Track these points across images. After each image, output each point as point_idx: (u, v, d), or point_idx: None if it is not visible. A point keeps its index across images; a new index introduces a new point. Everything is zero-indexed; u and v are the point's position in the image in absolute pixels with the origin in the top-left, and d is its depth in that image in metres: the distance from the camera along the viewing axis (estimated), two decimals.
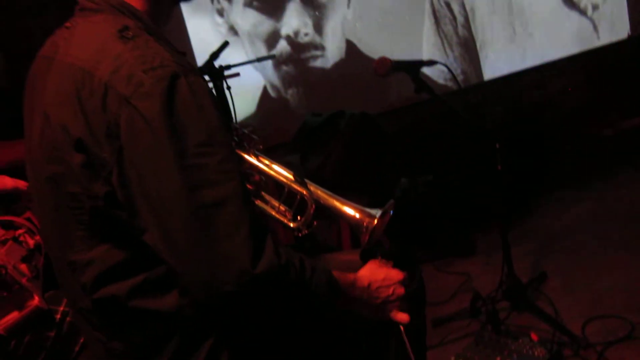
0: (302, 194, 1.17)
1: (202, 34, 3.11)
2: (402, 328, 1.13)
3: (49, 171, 0.90)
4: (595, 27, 3.97)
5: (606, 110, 3.94)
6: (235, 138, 1.20)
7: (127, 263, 0.89)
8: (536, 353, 1.81)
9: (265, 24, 3.18)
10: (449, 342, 2.05)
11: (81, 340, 1.51)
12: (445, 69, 1.89)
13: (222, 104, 2.13)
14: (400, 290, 1.09)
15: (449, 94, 3.39)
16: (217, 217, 0.81)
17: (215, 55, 2.13)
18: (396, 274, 1.10)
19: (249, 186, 1.24)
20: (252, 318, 0.95)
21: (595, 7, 3.98)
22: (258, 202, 1.22)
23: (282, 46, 3.21)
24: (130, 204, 0.84)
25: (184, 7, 2.97)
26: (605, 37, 3.98)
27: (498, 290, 2.14)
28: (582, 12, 3.94)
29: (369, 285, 1.07)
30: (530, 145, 3.34)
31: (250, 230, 0.83)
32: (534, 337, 1.90)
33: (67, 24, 0.96)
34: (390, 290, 1.08)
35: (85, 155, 0.84)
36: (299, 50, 3.27)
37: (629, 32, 3.87)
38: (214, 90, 2.26)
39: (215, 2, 3.14)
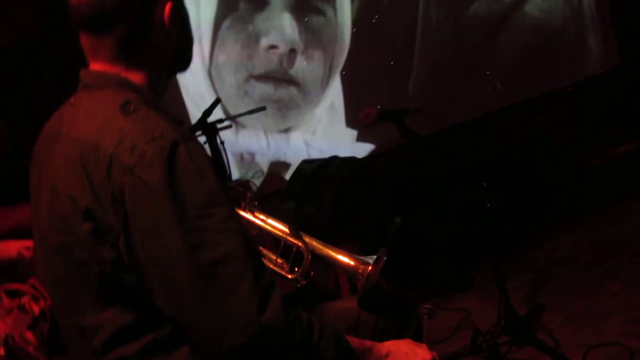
0: (298, 246, 1.22)
1: (193, 90, 3.22)
2: None
3: (58, 240, 0.96)
4: (575, 60, 4.13)
5: (592, 141, 4.05)
6: (231, 196, 1.27)
7: (136, 324, 0.94)
8: None
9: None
10: None
11: None
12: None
13: (216, 158, 2.21)
14: None
15: (436, 135, 3.50)
16: (219, 274, 0.86)
17: (208, 112, 2.22)
18: (424, 353, 1.08)
19: None
20: None
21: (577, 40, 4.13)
22: None
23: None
24: (137, 267, 0.89)
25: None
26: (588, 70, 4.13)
27: (497, 324, 2.17)
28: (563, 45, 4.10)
29: (387, 354, 1.06)
30: (519, 179, 3.42)
31: (253, 283, 0.88)
32: None
33: (72, 101, 1.03)
34: None
35: (93, 223, 0.90)
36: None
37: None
38: (207, 146, 2.34)
39: (207, 63, 3.26)
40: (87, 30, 1.00)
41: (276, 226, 1.27)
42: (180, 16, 1.04)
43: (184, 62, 1.10)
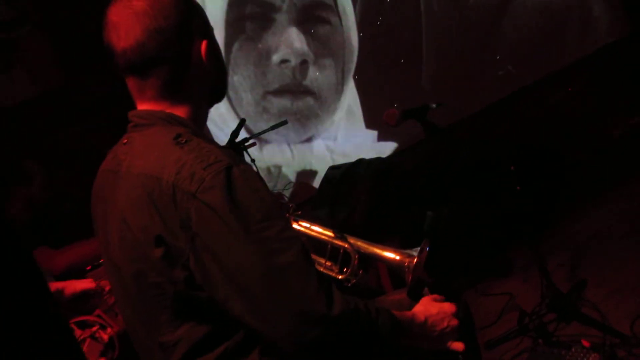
0: (344, 247, 1.29)
1: (213, 113, 3.31)
2: (460, 358, 1.21)
3: (134, 268, 1.03)
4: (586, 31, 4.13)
5: (611, 113, 4.03)
6: None
7: (210, 336, 1.01)
8: (591, 359, 1.86)
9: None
10: None
11: None
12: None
13: None
14: (454, 322, 1.19)
15: (456, 125, 3.53)
16: (289, 278, 0.94)
17: (235, 133, 2.30)
18: (449, 307, 1.20)
19: None
20: None
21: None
22: None
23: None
24: (209, 282, 0.96)
25: None
26: (598, 42, 4.13)
27: (542, 304, 2.20)
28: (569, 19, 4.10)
29: (426, 320, 1.16)
30: (544, 159, 3.43)
31: (319, 283, 0.95)
32: (586, 343, 1.95)
33: (124, 141, 1.11)
34: (445, 323, 1.17)
35: (164, 248, 0.97)
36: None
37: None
38: None
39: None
40: (133, 74, 1.08)
41: (320, 231, 1.34)
42: (215, 51, 1.12)
43: (221, 92, 1.18)
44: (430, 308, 1.19)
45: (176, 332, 1.02)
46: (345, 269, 1.32)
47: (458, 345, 1.18)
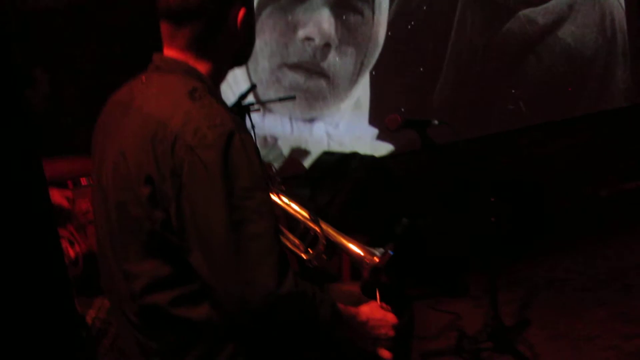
0: (315, 231, 1.37)
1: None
2: None
3: (119, 198, 1.10)
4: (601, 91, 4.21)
5: (605, 172, 4.14)
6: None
7: (171, 277, 1.09)
8: None
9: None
10: None
11: (105, 343, 1.70)
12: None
13: None
14: (392, 333, 1.26)
15: (453, 145, 3.61)
16: (252, 248, 1.01)
17: (243, 96, 2.36)
18: (392, 318, 1.27)
19: None
20: (269, 336, 1.11)
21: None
22: None
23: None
24: (182, 230, 1.04)
25: None
26: (612, 102, 4.22)
27: (482, 331, 2.32)
28: (591, 74, 4.18)
29: (367, 321, 1.24)
30: (527, 197, 3.53)
31: (278, 261, 1.03)
32: None
33: (143, 79, 1.17)
34: (383, 330, 1.25)
35: (152, 188, 1.05)
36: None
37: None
38: None
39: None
40: (169, 20, 1.13)
41: (297, 210, 1.41)
42: (250, 21, 1.17)
43: (244, 59, 1.24)
44: (375, 312, 1.26)
45: (142, 265, 1.09)
46: (310, 251, 1.39)
47: (386, 354, 1.26)
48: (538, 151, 4.01)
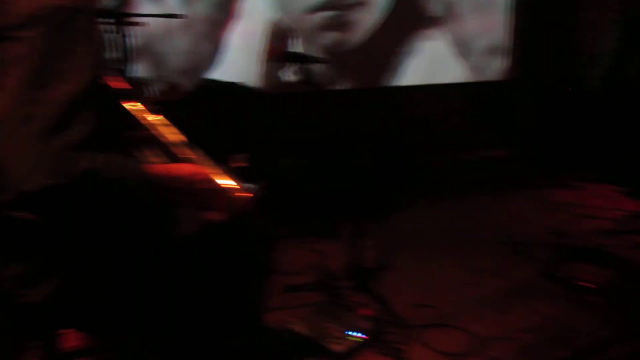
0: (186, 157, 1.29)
1: None
2: None
3: None
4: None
5: (472, 138, 4.47)
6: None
7: None
8: (363, 325, 2.11)
9: None
10: (293, 308, 2.29)
11: None
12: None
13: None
14: (212, 185, 1.21)
15: (342, 91, 3.65)
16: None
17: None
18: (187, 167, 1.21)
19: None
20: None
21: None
22: None
23: None
24: None
25: None
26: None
27: (345, 270, 2.42)
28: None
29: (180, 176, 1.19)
30: (402, 154, 3.70)
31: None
32: (366, 312, 2.20)
33: None
34: (200, 178, 1.21)
35: None
36: None
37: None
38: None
39: None
40: None
41: (168, 133, 1.33)
42: None
43: None
44: (172, 167, 1.20)
45: None
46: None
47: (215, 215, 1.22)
48: (419, 110, 4.20)
